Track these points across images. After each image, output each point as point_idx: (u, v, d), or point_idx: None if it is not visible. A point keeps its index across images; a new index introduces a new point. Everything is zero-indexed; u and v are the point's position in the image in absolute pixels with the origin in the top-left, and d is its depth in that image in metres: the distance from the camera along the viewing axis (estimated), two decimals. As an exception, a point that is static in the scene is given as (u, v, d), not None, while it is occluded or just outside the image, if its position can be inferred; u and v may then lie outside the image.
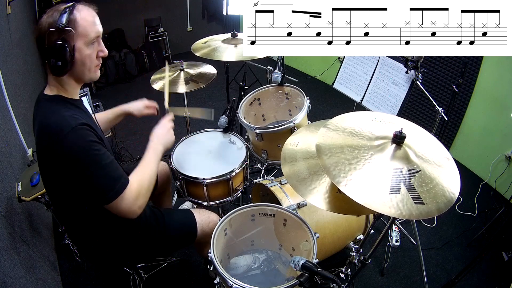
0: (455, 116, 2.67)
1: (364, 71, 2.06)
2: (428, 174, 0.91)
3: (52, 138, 0.93)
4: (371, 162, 0.92)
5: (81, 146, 0.94)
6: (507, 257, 1.91)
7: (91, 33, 0.99)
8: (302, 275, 0.96)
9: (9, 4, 2.21)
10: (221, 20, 5.10)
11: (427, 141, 1.05)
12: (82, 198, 1.06)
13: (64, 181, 1.01)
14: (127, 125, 3.23)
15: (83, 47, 0.99)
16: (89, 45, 1.00)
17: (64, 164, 0.95)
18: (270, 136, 1.79)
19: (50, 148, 0.95)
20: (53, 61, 0.94)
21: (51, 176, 1.05)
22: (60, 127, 0.93)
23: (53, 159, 0.96)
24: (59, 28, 0.93)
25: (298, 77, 4.17)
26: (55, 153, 0.94)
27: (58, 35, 0.93)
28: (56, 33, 0.93)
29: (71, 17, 0.95)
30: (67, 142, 0.92)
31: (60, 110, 0.97)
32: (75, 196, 1.06)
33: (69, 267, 1.90)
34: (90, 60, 1.02)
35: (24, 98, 2.19)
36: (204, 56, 1.94)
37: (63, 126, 0.93)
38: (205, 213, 1.47)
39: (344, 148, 0.96)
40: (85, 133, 0.95)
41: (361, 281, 1.86)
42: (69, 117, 0.96)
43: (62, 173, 0.98)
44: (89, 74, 1.05)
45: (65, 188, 1.05)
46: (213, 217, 1.47)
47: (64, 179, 1.00)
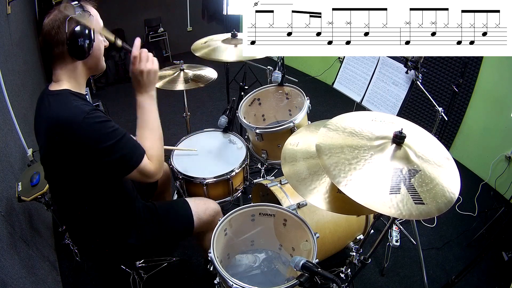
0: (455, 116, 2.68)
1: (364, 71, 2.06)
2: (428, 174, 0.91)
3: (67, 128, 0.94)
4: (371, 162, 0.92)
5: (98, 128, 0.96)
6: (507, 257, 1.91)
7: (100, 23, 1.06)
8: (302, 275, 0.96)
9: (9, 4, 2.21)
10: (221, 20, 5.09)
11: (427, 141, 1.05)
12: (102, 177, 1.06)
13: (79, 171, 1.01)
14: (126, 125, 3.24)
15: (97, 33, 1.04)
16: (99, 32, 1.06)
17: (83, 150, 0.96)
18: (270, 136, 1.79)
19: (65, 140, 0.95)
20: (77, 42, 0.97)
21: (60, 172, 1.05)
22: (74, 116, 0.94)
23: (69, 149, 0.96)
24: (80, 15, 0.98)
25: (298, 77, 4.17)
26: (72, 142, 0.94)
27: (78, 21, 0.97)
28: (75, 20, 0.97)
29: (85, 8, 1.01)
30: (84, 127, 0.94)
31: (68, 102, 0.98)
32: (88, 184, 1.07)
33: (69, 267, 1.90)
34: (102, 46, 1.08)
35: (24, 98, 2.19)
36: (204, 56, 1.94)
37: (76, 114, 0.94)
38: (200, 201, 1.46)
39: (344, 148, 0.96)
40: (98, 115, 0.97)
41: (361, 281, 1.86)
42: (80, 105, 0.97)
43: (80, 161, 0.98)
44: (101, 61, 1.09)
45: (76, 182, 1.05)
46: (210, 204, 1.46)
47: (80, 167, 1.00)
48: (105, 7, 1.20)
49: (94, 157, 0.98)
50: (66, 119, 0.94)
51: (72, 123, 0.93)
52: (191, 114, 2.29)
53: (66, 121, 0.94)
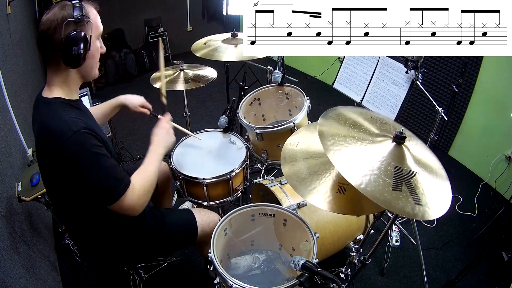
0: (455, 116, 2.68)
1: (364, 71, 2.06)
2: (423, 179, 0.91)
3: (53, 142, 0.93)
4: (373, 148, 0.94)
5: (83, 152, 0.94)
6: (507, 257, 1.91)
7: (100, 27, 1.03)
8: (302, 275, 0.96)
9: (9, 4, 2.21)
10: (221, 20, 5.10)
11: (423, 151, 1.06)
12: (84, 199, 1.06)
13: (66, 183, 1.01)
14: (127, 125, 3.23)
15: (94, 39, 1.01)
16: (97, 38, 1.03)
17: (66, 168, 0.95)
18: (270, 136, 1.79)
19: (51, 152, 0.94)
20: (71, 50, 0.93)
21: (51, 177, 1.06)
22: (61, 132, 0.92)
23: (54, 162, 0.96)
24: (78, 19, 0.94)
25: (298, 77, 4.17)
26: (57, 157, 0.94)
27: (76, 26, 0.94)
28: (73, 23, 0.94)
29: (84, 11, 0.97)
30: (69, 147, 0.92)
31: (59, 114, 0.96)
32: (76, 197, 1.07)
33: (69, 267, 1.90)
34: (98, 54, 1.05)
35: (24, 98, 2.19)
36: (204, 56, 1.94)
37: (64, 130, 0.92)
38: (205, 213, 1.47)
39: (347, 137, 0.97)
40: (86, 138, 0.95)
41: (361, 281, 1.86)
42: (70, 120, 0.95)
43: (64, 176, 0.98)
44: (95, 69, 1.07)
45: (66, 189, 1.05)
46: (214, 217, 1.47)
47: (66, 181, 1.00)
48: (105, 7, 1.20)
49: (73, 178, 0.97)
50: (54, 132, 0.93)
51: (58, 138, 0.92)
52: (191, 114, 2.29)
53: (54, 132, 0.93)
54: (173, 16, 4.83)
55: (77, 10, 0.95)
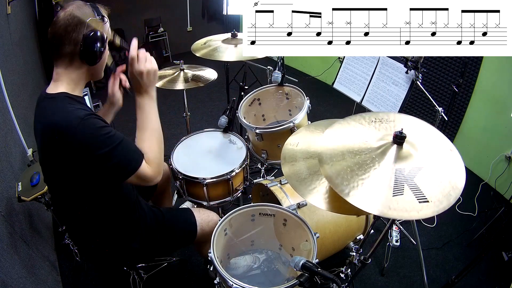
0: (455, 116, 2.67)
1: (364, 71, 2.06)
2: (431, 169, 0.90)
3: (62, 135, 0.93)
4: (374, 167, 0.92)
5: (95, 134, 0.95)
6: (507, 257, 1.90)
7: (109, 30, 1.07)
8: (302, 275, 0.96)
9: (9, 4, 2.21)
10: (221, 20, 5.10)
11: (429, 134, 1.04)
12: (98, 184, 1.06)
13: (75, 177, 1.01)
14: (127, 125, 3.23)
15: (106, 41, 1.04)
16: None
17: (81, 156, 0.95)
18: (270, 136, 1.79)
19: (61, 146, 0.94)
20: (93, 47, 0.97)
21: (58, 175, 1.05)
22: (69, 122, 0.93)
23: (65, 156, 0.96)
24: (100, 19, 0.99)
25: (298, 77, 4.17)
26: (69, 148, 0.94)
27: (97, 25, 0.98)
28: (94, 22, 0.97)
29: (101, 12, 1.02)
30: (80, 133, 0.93)
31: (65, 107, 0.97)
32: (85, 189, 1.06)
33: (69, 267, 1.90)
34: (107, 56, 1.08)
35: (24, 98, 2.19)
36: (204, 56, 1.94)
37: (71, 119, 0.93)
38: (205, 212, 1.47)
39: (345, 155, 0.96)
40: (94, 121, 0.96)
41: (361, 281, 1.86)
42: (75, 110, 0.96)
43: (76, 168, 0.98)
44: (102, 70, 1.10)
45: (73, 185, 1.05)
46: (213, 217, 1.47)
47: (77, 173, 1.00)
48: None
49: (90, 164, 0.97)
50: (61, 124, 0.93)
51: (67, 129, 0.92)
52: (191, 114, 2.29)
53: (61, 126, 0.93)
54: (173, 16, 4.83)
55: (97, 10, 1.00)
